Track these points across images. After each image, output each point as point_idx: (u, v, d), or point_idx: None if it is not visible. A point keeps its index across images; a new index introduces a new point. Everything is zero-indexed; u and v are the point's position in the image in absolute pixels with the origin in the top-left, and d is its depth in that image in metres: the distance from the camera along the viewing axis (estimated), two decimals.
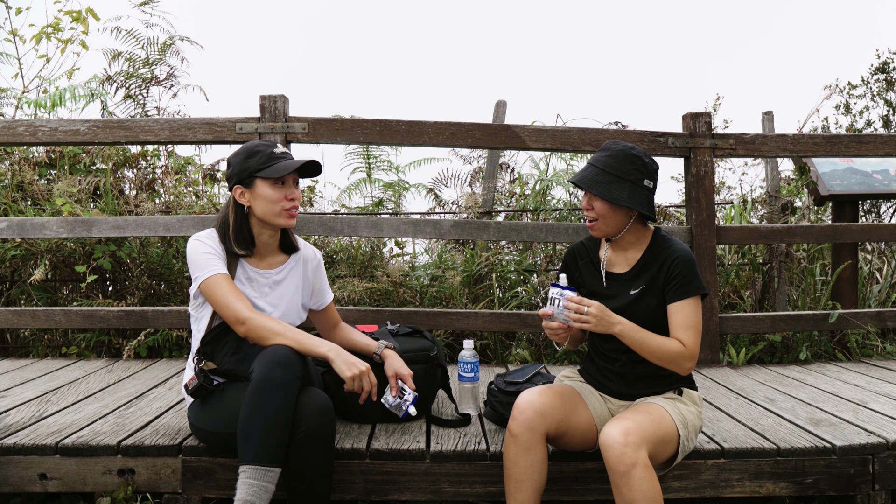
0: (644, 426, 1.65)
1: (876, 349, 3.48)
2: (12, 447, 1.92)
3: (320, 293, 2.13)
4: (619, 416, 1.71)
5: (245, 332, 1.81)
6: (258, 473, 1.61)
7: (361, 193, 4.73)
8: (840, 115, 7.84)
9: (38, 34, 4.53)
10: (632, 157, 1.78)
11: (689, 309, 1.78)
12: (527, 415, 1.72)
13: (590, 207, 1.81)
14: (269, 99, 3.08)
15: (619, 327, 1.71)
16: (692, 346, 1.75)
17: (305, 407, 1.71)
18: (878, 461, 1.98)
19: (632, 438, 1.59)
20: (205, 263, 1.86)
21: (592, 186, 1.76)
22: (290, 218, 1.92)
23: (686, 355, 1.75)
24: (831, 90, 6.72)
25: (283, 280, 2.01)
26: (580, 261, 1.97)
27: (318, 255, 2.13)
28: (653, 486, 1.57)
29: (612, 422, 1.67)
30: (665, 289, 1.81)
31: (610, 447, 1.59)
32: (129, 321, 3.16)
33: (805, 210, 4.40)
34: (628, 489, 1.56)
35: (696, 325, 1.77)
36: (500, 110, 4.31)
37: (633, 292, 1.84)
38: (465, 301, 3.66)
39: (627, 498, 1.57)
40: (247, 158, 1.88)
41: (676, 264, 1.79)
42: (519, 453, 1.72)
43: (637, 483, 1.56)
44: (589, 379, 1.96)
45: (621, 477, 1.57)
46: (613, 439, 1.60)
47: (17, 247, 3.49)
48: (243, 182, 1.89)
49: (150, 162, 4.31)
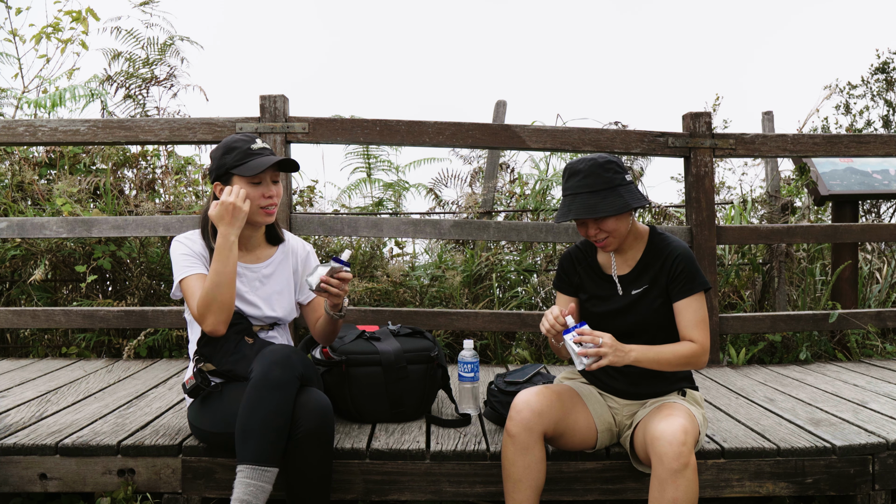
0: (694, 429, 1.67)
1: (876, 349, 3.48)
2: (12, 447, 1.92)
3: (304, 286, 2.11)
4: (668, 414, 1.69)
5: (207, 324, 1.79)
6: (255, 473, 1.61)
7: (361, 193, 4.73)
8: (840, 115, 7.84)
9: (38, 34, 4.53)
10: (602, 165, 1.75)
11: (696, 305, 1.79)
12: (524, 415, 1.72)
13: (598, 230, 1.77)
14: (269, 99, 3.08)
15: (634, 354, 1.70)
16: (704, 341, 1.77)
17: (304, 407, 1.70)
18: (878, 461, 1.98)
19: (689, 439, 1.61)
20: (180, 265, 1.88)
21: (597, 211, 1.71)
22: (267, 215, 1.90)
23: (700, 352, 1.76)
24: (831, 90, 6.71)
25: (273, 274, 2.01)
26: (578, 266, 1.95)
27: (307, 247, 2.13)
28: (696, 488, 1.59)
29: (664, 419, 1.67)
30: (669, 287, 1.81)
31: (669, 443, 1.59)
32: (129, 321, 3.16)
33: (805, 210, 4.40)
34: (675, 487, 1.57)
35: (704, 320, 1.79)
36: (500, 110, 4.31)
37: (634, 292, 1.84)
38: (465, 301, 3.66)
39: (670, 496, 1.57)
40: (224, 154, 1.87)
41: (678, 262, 1.79)
42: (517, 453, 1.72)
43: (685, 483, 1.57)
44: (591, 379, 1.96)
45: (672, 474, 1.57)
46: (674, 435, 1.60)
47: (17, 247, 3.49)
48: (221, 178, 1.89)
49: (150, 162, 4.30)
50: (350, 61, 22.68)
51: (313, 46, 24.23)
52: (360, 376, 2.13)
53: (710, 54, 21.21)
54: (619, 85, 17.65)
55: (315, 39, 25.18)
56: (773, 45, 18.55)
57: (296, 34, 24.57)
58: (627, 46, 23.19)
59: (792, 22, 19.52)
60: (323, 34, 26.42)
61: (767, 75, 15.54)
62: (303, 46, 23.43)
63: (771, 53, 17.85)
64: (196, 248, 1.92)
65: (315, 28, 26.15)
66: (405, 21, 28.30)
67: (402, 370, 2.15)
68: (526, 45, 25.37)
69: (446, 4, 30.33)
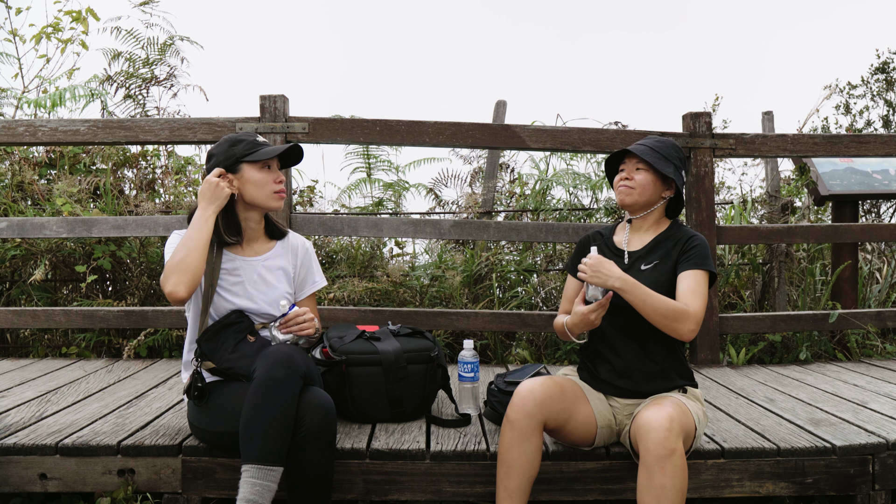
0: (682, 417, 1.66)
1: (876, 349, 3.48)
2: (12, 447, 1.92)
3: (302, 283, 2.13)
4: (656, 404, 1.70)
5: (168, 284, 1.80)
6: (261, 473, 1.61)
7: (361, 193, 4.73)
8: (840, 115, 7.83)
9: (38, 34, 4.53)
10: (676, 146, 1.93)
11: (700, 279, 1.81)
12: (526, 402, 1.73)
13: (630, 177, 1.88)
14: (269, 99, 3.08)
15: (619, 282, 1.72)
16: (698, 311, 1.76)
17: (307, 406, 1.71)
18: (878, 461, 1.98)
19: (675, 426, 1.61)
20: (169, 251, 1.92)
21: (645, 154, 1.85)
22: (279, 199, 1.98)
23: (690, 316, 1.74)
24: (831, 90, 6.71)
25: (271, 268, 2.02)
26: (593, 242, 2.00)
27: (306, 244, 2.15)
28: (684, 475, 1.59)
29: (651, 407, 1.68)
30: (678, 260, 1.85)
31: (654, 430, 1.60)
32: (129, 321, 3.16)
33: (805, 210, 4.40)
34: (662, 474, 1.57)
35: (703, 295, 1.79)
36: (500, 110, 4.31)
37: (644, 267, 1.87)
38: (465, 301, 3.66)
39: (658, 482, 1.57)
40: (231, 146, 1.94)
41: (694, 241, 1.87)
42: (514, 439, 1.72)
43: (672, 470, 1.57)
44: (592, 381, 1.94)
45: (658, 461, 1.57)
46: (658, 422, 1.60)
47: (17, 247, 3.49)
48: (229, 168, 1.93)
49: (150, 162, 4.30)
50: (350, 61, 22.66)
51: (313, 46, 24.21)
52: (360, 376, 2.13)
53: (711, 54, 21.19)
54: (619, 85, 17.63)
55: (315, 39, 25.14)
56: (773, 45, 18.55)
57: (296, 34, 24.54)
58: (628, 46, 23.17)
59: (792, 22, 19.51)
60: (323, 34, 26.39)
61: (767, 75, 15.53)
62: (303, 46, 23.40)
63: (771, 53, 17.84)
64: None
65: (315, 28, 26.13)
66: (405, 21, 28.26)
67: (402, 370, 2.15)
68: (526, 45, 25.34)
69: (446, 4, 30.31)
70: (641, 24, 25.67)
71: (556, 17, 28.26)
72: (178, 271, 1.79)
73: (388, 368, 2.13)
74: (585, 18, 27.95)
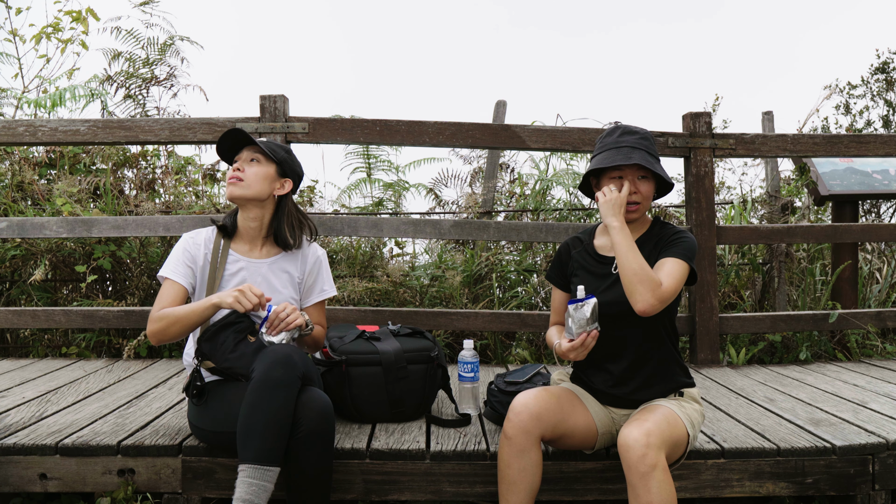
0: (663, 429, 1.64)
1: (876, 349, 3.48)
2: (12, 447, 1.92)
3: (309, 290, 2.11)
4: (637, 418, 1.69)
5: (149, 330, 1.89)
6: (257, 473, 1.61)
7: (361, 193, 4.73)
8: (840, 115, 7.83)
9: (38, 34, 4.53)
10: (651, 137, 1.86)
11: (679, 267, 1.75)
12: (522, 417, 1.71)
13: (637, 191, 1.82)
14: (269, 99, 3.08)
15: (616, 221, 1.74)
16: (667, 290, 1.70)
17: (306, 406, 1.71)
18: (878, 461, 1.98)
19: (654, 440, 1.58)
20: (170, 259, 1.98)
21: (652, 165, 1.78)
22: (230, 186, 1.98)
23: (660, 291, 1.69)
24: (831, 90, 6.72)
25: (277, 271, 2.02)
26: (573, 250, 1.97)
27: (317, 252, 2.13)
28: (670, 489, 1.57)
29: (631, 423, 1.66)
30: (661, 251, 1.80)
31: (631, 447, 1.58)
32: (129, 321, 3.16)
33: (805, 210, 4.40)
34: (646, 491, 1.55)
35: (678, 281, 1.73)
36: (500, 110, 4.31)
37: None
38: (465, 301, 3.66)
39: (644, 500, 1.56)
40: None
41: (682, 234, 1.82)
42: (512, 455, 1.71)
43: (656, 485, 1.55)
44: (587, 391, 1.92)
45: (641, 478, 1.56)
46: (635, 440, 1.58)
47: (17, 247, 3.49)
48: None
49: (150, 162, 4.31)
50: (350, 61, 22.67)
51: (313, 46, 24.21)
52: (361, 376, 2.13)
53: (711, 54, 21.19)
54: (619, 85, 17.64)
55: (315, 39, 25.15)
56: (774, 45, 18.54)
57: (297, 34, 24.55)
58: (628, 46, 23.18)
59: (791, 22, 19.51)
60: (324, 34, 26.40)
61: (767, 75, 15.53)
62: (303, 46, 23.41)
63: (771, 53, 17.84)
64: (195, 248, 1.99)
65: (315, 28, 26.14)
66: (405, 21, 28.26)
67: (402, 370, 2.15)
68: (526, 45, 25.35)
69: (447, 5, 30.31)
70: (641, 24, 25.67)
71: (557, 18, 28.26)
72: (160, 329, 1.86)
73: (388, 368, 2.13)
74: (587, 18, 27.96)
